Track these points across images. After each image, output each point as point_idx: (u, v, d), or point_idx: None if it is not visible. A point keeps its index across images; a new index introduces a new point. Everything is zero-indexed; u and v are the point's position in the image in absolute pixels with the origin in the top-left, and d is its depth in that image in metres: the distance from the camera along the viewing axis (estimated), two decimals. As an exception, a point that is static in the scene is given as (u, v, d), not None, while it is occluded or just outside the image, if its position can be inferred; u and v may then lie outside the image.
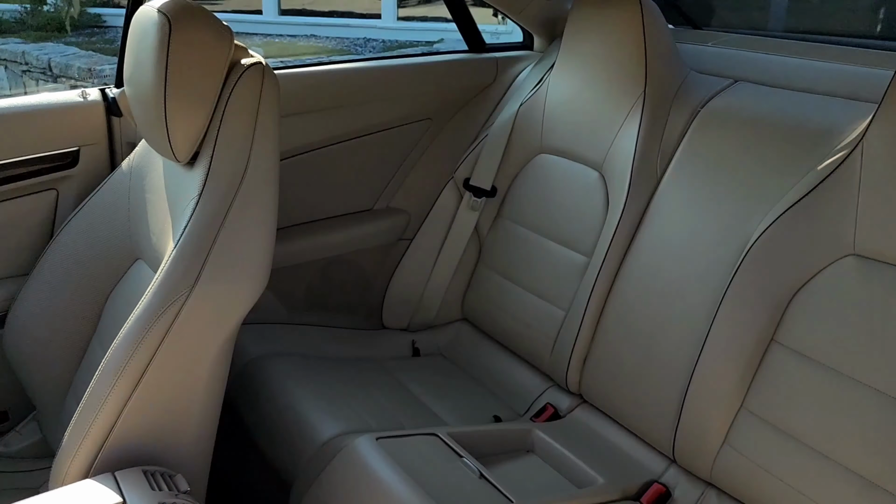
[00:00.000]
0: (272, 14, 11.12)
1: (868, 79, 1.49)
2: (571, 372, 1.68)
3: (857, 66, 1.54)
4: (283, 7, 12.78)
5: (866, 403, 1.20)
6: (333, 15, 12.52)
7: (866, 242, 1.25)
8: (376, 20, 10.87)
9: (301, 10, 13.87)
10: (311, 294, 1.99)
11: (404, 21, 10.76)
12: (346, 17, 11.58)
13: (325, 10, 14.27)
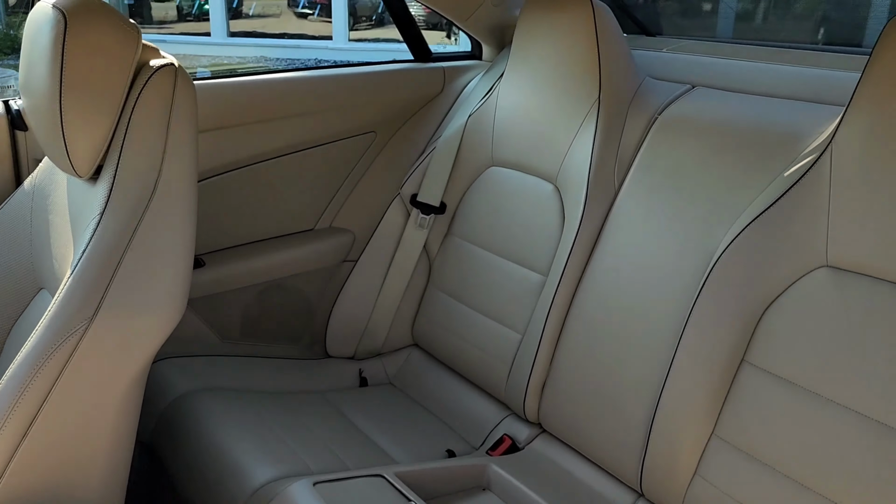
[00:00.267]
0: (221, 36, 10.96)
1: (831, 81, 1.42)
2: (529, 400, 1.56)
3: (817, 68, 1.47)
4: (232, 30, 12.63)
5: (847, 428, 1.11)
6: (285, 37, 12.40)
7: (839, 253, 1.16)
8: (328, 41, 10.78)
9: (251, 32, 13.73)
10: (246, 322, 1.84)
11: (356, 42, 10.70)
12: (297, 39, 11.48)
13: (277, 32, 14.15)
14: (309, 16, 15.90)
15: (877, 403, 1.08)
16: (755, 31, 8.95)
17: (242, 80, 1.66)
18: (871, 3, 8.08)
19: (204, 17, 14.52)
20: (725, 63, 1.60)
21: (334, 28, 10.64)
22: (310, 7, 15.95)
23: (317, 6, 15.67)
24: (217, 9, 12.96)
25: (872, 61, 1.12)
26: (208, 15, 13.66)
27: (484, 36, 1.96)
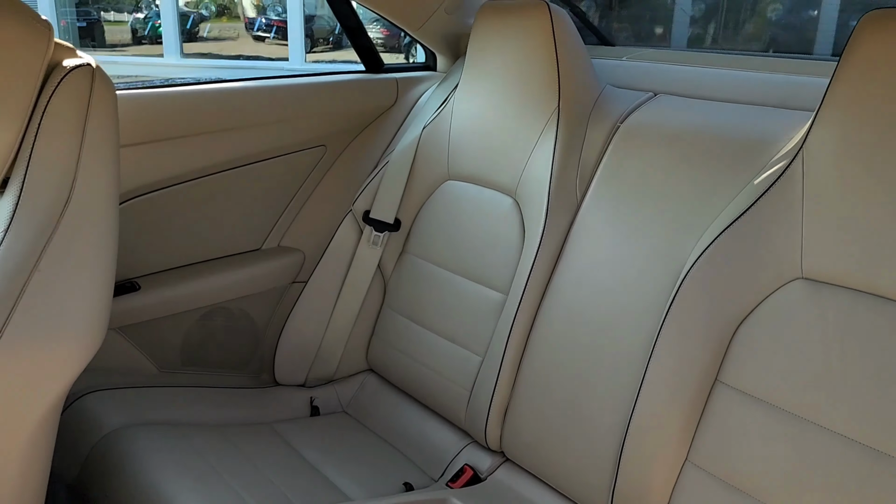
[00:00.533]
0: (174, 57, 10.79)
1: (796, 87, 1.37)
2: (491, 427, 1.46)
3: (781, 74, 1.42)
4: (187, 51, 12.49)
5: (829, 452, 1.03)
6: (241, 59, 12.29)
7: (815, 263, 1.09)
8: (284, 62, 10.71)
9: (206, 53, 13.59)
10: (187, 350, 1.71)
11: (313, 64, 10.64)
12: (253, 60, 11.38)
13: (233, 54, 14.03)
14: (266, 38, 15.81)
15: (860, 425, 1.01)
16: (710, 40, 9.13)
17: (181, 90, 1.55)
18: (818, 17, 8.29)
19: (158, 39, 14.32)
20: (688, 70, 1.54)
21: (290, 49, 10.54)
22: (266, 30, 15.87)
23: (273, 28, 15.59)
24: (170, 30, 12.76)
25: (843, 62, 1.07)
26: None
27: (437, 45, 1.88)
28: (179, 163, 1.58)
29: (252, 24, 16.27)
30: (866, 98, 1.04)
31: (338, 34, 14.61)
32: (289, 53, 10.67)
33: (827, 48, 8.53)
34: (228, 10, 17.04)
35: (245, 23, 16.70)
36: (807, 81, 1.37)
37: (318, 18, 14.51)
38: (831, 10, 8.36)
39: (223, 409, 1.62)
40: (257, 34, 15.98)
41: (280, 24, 15.20)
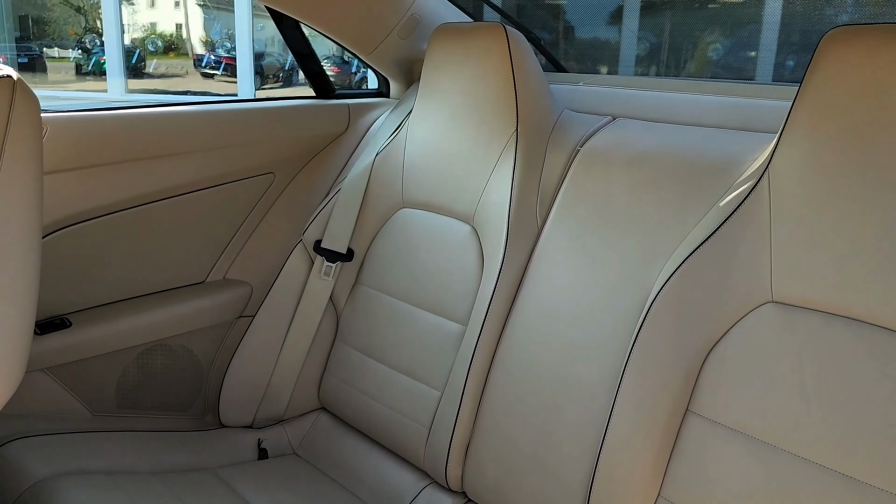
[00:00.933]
0: (118, 93, 10.58)
1: (755, 109, 1.35)
2: (451, 465, 1.38)
3: (740, 97, 1.41)
4: (132, 87, 12.28)
5: (805, 481, 0.98)
6: (188, 94, 12.13)
7: (785, 287, 1.05)
8: (232, 96, 10.60)
9: (153, 89, 13.39)
10: (124, 391, 1.59)
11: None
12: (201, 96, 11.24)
13: (180, 90, 13.86)
14: (215, 75, 15.66)
15: (838, 454, 0.97)
16: (656, 67, 9.39)
17: (119, 114, 1.46)
18: (759, 42, 8.60)
19: (103, 74, 14.06)
20: (645, 94, 1.52)
21: (240, 86, 10.45)
22: (215, 66, 15.73)
23: (222, 65, 15.47)
24: (115, 65, 12.55)
25: (806, 82, 1.05)
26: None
27: (390, 71, 1.84)
28: (117, 190, 1.48)
29: (200, 61, 16.12)
30: (830, 116, 1.02)
31: (287, 70, 14.57)
32: (238, 90, 10.56)
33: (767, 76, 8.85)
34: (176, 46, 16.86)
35: (193, 59, 16.55)
36: (765, 104, 1.35)
37: (267, 56, 14.46)
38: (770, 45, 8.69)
39: (163, 455, 1.50)
40: (206, 71, 15.83)
41: (229, 60, 15.10)
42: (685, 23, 9.30)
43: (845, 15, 8.16)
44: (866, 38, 0.99)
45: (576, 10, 9.78)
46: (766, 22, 8.65)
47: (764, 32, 8.73)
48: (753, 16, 8.80)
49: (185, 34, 17.01)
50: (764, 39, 8.70)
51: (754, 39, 8.85)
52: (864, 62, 0.99)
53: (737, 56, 9.24)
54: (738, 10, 8.96)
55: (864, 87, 0.99)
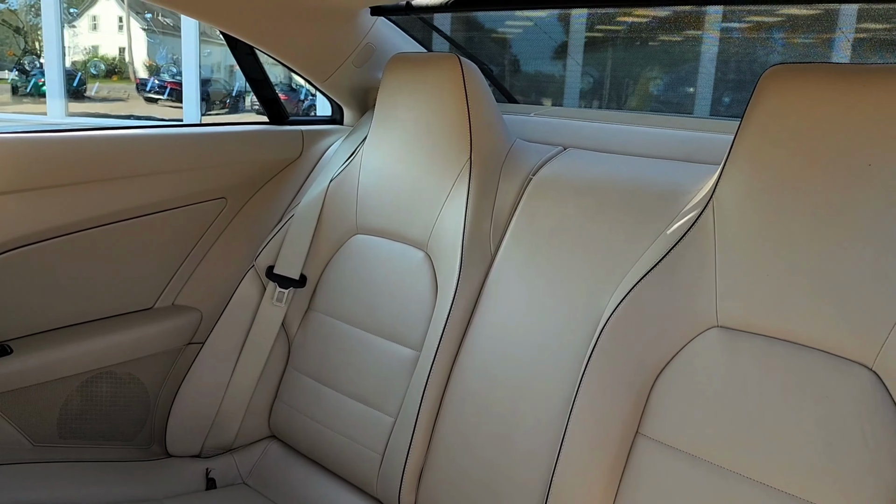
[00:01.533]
0: (59, 116, 10.31)
1: (700, 141, 1.41)
2: (405, 492, 1.38)
3: (685, 130, 1.47)
4: (73, 111, 11.98)
5: (749, 499, 1.02)
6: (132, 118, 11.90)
7: (729, 311, 1.10)
8: (177, 121, 10.44)
9: (94, 113, 13.08)
10: (66, 421, 1.54)
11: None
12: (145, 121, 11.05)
13: (123, 114, 13.57)
14: (159, 100, 15.41)
15: (780, 472, 1.01)
16: (599, 101, 9.66)
17: (67, 136, 1.44)
18: (697, 79, 8.94)
19: (42, 97, 13.69)
20: (594, 126, 1.57)
21: (185, 111, 10.30)
22: (159, 91, 15.49)
23: (166, 89, 15.23)
24: (55, 88, 12.24)
25: (747, 116, 1.11)
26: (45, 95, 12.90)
27: (345, 98, 1.85)
28: (63, 213, 1.45)
29: (144, 85, 15.85)
30: (771, 148, 1.07)
31: (234, 97, 14.45)
32: (183, 115, 10.41)
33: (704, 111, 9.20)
34: (119, 70, 16.55)
35: (136, 83, 16.26)
36: (707, 137, 1.42)
37: (214, 82, 14.31)
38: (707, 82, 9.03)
39: (107, 487, 1.46)
40: (150, 95, 15.57)
41: (174, 85, 14.87)
42: (627, 59, 9.61)
43: (776, 55, 8.55)
44: (802, 76, 1.05)
45: (523, 44, 10.01)
46: (703, 61, 9.01)
47: (701, 70, 9.09)
48: (691, 54, 9.16)
49: (129, 58, 16.73)
50: (701, 77, 9.06)
51: (692, 76, 9.20)
52: (800, 99, 1.05)
53: (676, 91, 9.58)
54: (677, 48, 9.31)
55: (800, 121, 1.05)
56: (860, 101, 1.00)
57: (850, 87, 1.01)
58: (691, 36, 9.15)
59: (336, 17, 1.63)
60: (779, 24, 8.50)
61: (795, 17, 8.26)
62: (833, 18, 7.82)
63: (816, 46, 8.13)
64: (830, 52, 7.90)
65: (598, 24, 9.84)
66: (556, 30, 10.03)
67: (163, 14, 17.03)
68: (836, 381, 1.00)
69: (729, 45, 8.94)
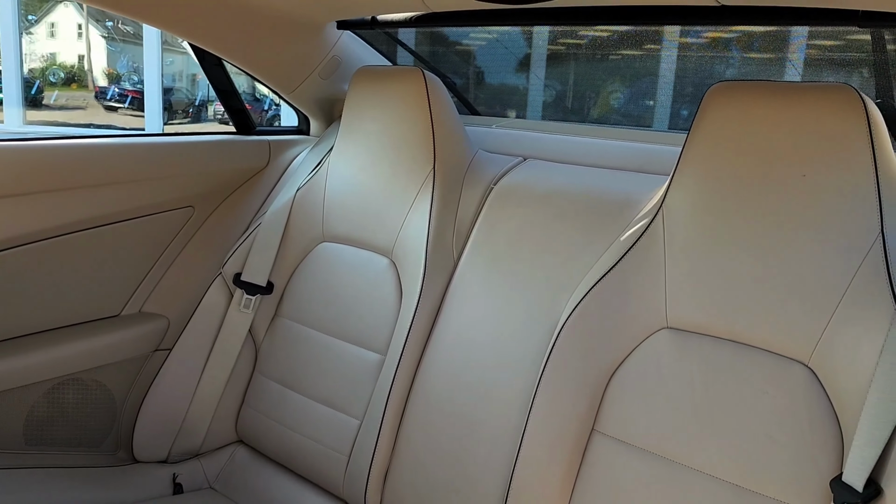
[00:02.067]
0: (16, 124, 10.13)
1: (652, 153, 1.49)
2: (371, 492, 1.42)
3: (639, 143, 1.54)
4: (31, 119, 11.79)
5: (701, 493, 1.08)
6: (91, 128, 11.74)
7: (678, 313, 1.17)
8: (139, 131, 10.34)
9: (53, 122, 12.88)
10: (32, 427, 1.55)
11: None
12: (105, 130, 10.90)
13: (83, 122, 13.38)
14: (119, 108, 15.22)
15: (726, 464, 1.07)
16: (562, 113, 9.84)
17: (33, 145, 1.45)
18: (656, 92, 9.16)
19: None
20: (553, 138, 1.64)
21: (147, 121, 10.21)
22: (120, 99, 15.29)
23: (127, 98, 15.05)
24: (12, 96, 12.03)
25: (694, 130, 1.18)
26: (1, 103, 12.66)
27: (311, 110, 1.89)
28: (30, 221, 1.46)
29: (104, 94, 15.64)
30: (715, 160, 1.15)
31: (197, 106, 14.35)
32: (145, 124, 10.31)
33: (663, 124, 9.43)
34: (79, 78, 16.32)
35: (95, 91, 16.04)
36: (661, 149, 1.49)
37: (176, 91, 14.19)
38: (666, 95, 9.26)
39: (75, 492, 1.47)
40: (109, 104, 15.37)
41: (135, 94, 14.72)
42: (588, 73, 9.80)
43: (733, 69, 8.80)
44: (742, 93, 1.12)
45: (486, 58, 10.14)
46: (663, 74, 9.24)
47: (660, 84, 9.31)
48: (651, 69, 9.38)
49: (87, 66, 16.50)
50: (660, 90, 9.28)
51: (652, 90, 9.41)
52: (740, 114, 1.12)
53: (637, 105, 9.79)
54: (637, 62, 9.52)
55: (741, 135, 1.12)
56: (794, 116, 1.08)
57: (786, 103, 1.09)
58: (651, 50, 9.37)
59: (303, 30, 1.67)
60: (735, 39, 8.75)
61: (751, 33, 8.51)
62: (785, 36, 8.09)
63: (769, 63, 8.39)
64: (783, 67, 8.16)
65: (560, 38, 10.02)
66: (519, 44, 10.19)
67: (123, 22, 16.83)
68: (776, 378, 1.07)
69: (687, 59, 9.17)
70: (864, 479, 0.93)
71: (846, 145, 1.05)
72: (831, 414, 1.02)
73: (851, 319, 1.02)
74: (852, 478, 0.94)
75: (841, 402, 1.01)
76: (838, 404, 1.01)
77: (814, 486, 1.01)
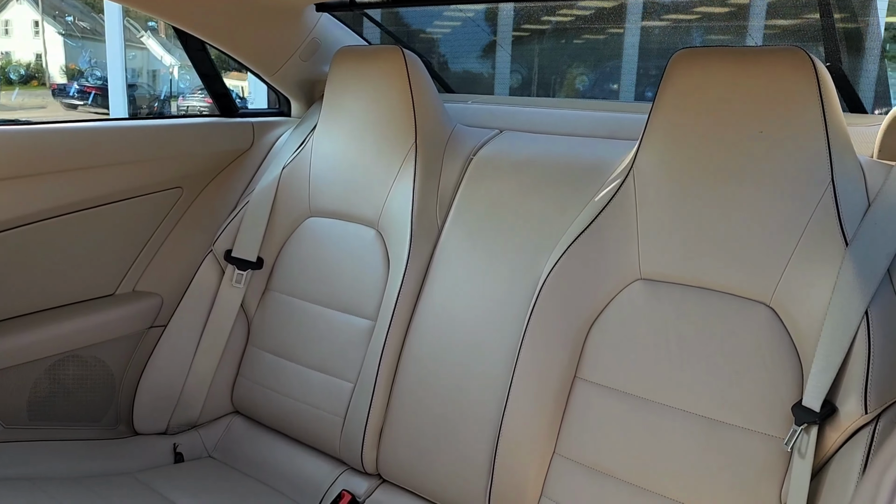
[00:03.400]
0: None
1: (621, 121, 1.58)
2: (367, 450, 1.50)
3: (608, 112, 1.63)
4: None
5: (676, 426, 1.18)
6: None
7: (650, 265, 1.26)
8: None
9: (14, 120, 12.60)
10: (35, 403, 1.60)
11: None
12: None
13: (46, 121, 13.07)
14: (79, 106, 14.95)
15: (697, 399, 1.17)
16: (528, 90, 9.97)
17: (24, 129, 1.50)
18: (620, 75, 9.36)
19: (-46, 104, 13.15)
20: (527, 110, 1.72)
21: (113, 115, 10.07)
22: (81, 97, 15.03)
23: (90, 95, 14.81)
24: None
25: (659, 95, 1.27)
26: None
27: (292, 91, 1.95)
28: (24, 204, 1.51)
29: (63, 91, 15.35)
30: (680, 122, 1.24)
31: (162, 100, 14.18)
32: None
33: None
34: (38, 76, 16.02)
35: (53, 89, 15.74)
36: (628, 117, 1.58)
37: (138, 86, 14.01)
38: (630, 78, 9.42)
39: (79, 462, 1.53)
40: (70, 101, 15.10)
41: (97, 90, 14.49)
42: (555, 55, 9.93)
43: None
44: (703, 58, 1.22)
45: (453, 42, 10.21)
46: (626, 57, 9.40)
47: (624, 67, 9.47)
48: (615, 52, 9.53)
49: (45, 63, 16.20)
50: (624, 73, 9.45)
51: (616, 73, 9.57)
52: (701, 77, 1.21)
53: (602, 88, 9.94)
54: (601, 46, 9.67)
55: (703, 97, 1.21)
56: (751, 78, 1.18)
57: (743, 66, 1.18)
58: (615, 33, 9.51)
59: (283, 13, 1.73)
60: (696, 20, 8.92)
61: (710, 14, 8.68)
62: (745, 14, 8.27)
63: (730, 43, 8.57)
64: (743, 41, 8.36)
65: (523, 22, 10.11)
66: (485, 29, 10.26)
67: (81, 17, 16.52)
68: (741, 319, 1.17)
69: (650, 43, 9.33)
70: (820, 401, 1.03)
71: (799, 103, 1.15)
72: (791, 348, 1.12)
73: (807, 261, 1.12)
74: (811, 401, 1.04)
75: (800, 336, 1.11)
76: (797, 338, 1.12)
77: (777, 412, 1.11)
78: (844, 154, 1.16)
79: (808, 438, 1.04)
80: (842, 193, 1.13)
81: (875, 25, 7.05)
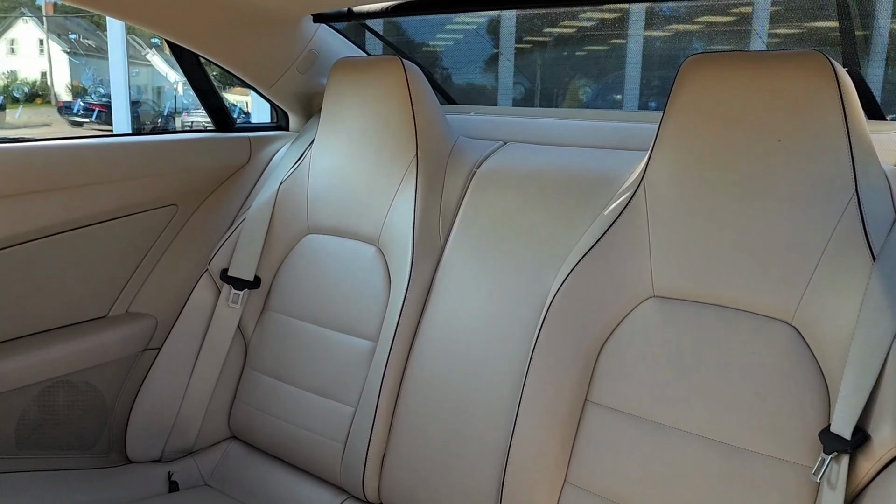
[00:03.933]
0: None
1: (628, 131, 1.52)
2: (368, 478, 1.43)
3: (614, 122, 1.57)
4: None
5: (692, 452, 1.11)
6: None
7: (664, 282, 1.19)
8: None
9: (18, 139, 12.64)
10: (24, 431, 1.54)
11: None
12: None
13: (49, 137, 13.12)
14: (84, 123, 15.01)
15: (717, 424, 1.10)
16: (531, 101, 9.94)
17: (16, 147, 1.44)
18: (623, 86, 9.32)
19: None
20: (531, 121, 1.66)
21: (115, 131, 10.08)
22: (86, 114, 15.08)
23: (94, 112, 14.85)
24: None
25: (671, 102, 1.21)
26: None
27: (290, 104, 1.90)
28: (15, 223, 1.45)
29: (69, 108, 15.42)
30: (692, 131, 1.18)
31: (166, 117, 14.21)
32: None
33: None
34: (43, 93, 16.07)
35: (59, 107, 15.80)
36: (637, 126, 1.52)
37: (143, 103, 14.05)
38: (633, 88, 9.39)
39: (71, 492, 1.46)
40: (75, 118, 15.16)
41: (101, 107, 14.53)
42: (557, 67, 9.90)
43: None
44: (717, 63, 1.16)
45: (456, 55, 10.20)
46: (629, 68, 9.37)
47: (627, 78, 9.44)
48: (617, 63, 9.51)
49: (50, 81, 16.26)
50: (628, 84, 9.42)
51: (619, 84, 9.55)
52: (715, 84, 1.15)
53: (605, 99, 9.91)
54: (603, 57, 9.65)
55: (717, 106, 1.15)
56: (767, 84, 1.11)
57: (759, 72, 1.12)
58: (617, 43, 9.49)
59: (279, 24, 1.68)
60: (698, 31, 8.89)
61: (714, 23, 8.65)
62: (748, 20, 8.23)
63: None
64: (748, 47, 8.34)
65: (525, 35, 10.11)
66: (488, 41, 10.26)
67: (86, 36, 16.61)
68: (761, 338, 1.10)
69: (653, 52, 9.30)
70: (851, 428, 0.96)
71: (818, 110, 1.08)
72: (816, 369, 1.05)
73: (831, 277, 1.06)
74: (840, 427, 0.97)
75: (825, 356, 1.04)
76: (822, 359, 1.05)
77: (803, 439, 1.04)
78: (868, 163, 1.10)
79: (838, 468, 0.97)
80: (867, 204, 1.06)
81: (882, 28, 7.02)
